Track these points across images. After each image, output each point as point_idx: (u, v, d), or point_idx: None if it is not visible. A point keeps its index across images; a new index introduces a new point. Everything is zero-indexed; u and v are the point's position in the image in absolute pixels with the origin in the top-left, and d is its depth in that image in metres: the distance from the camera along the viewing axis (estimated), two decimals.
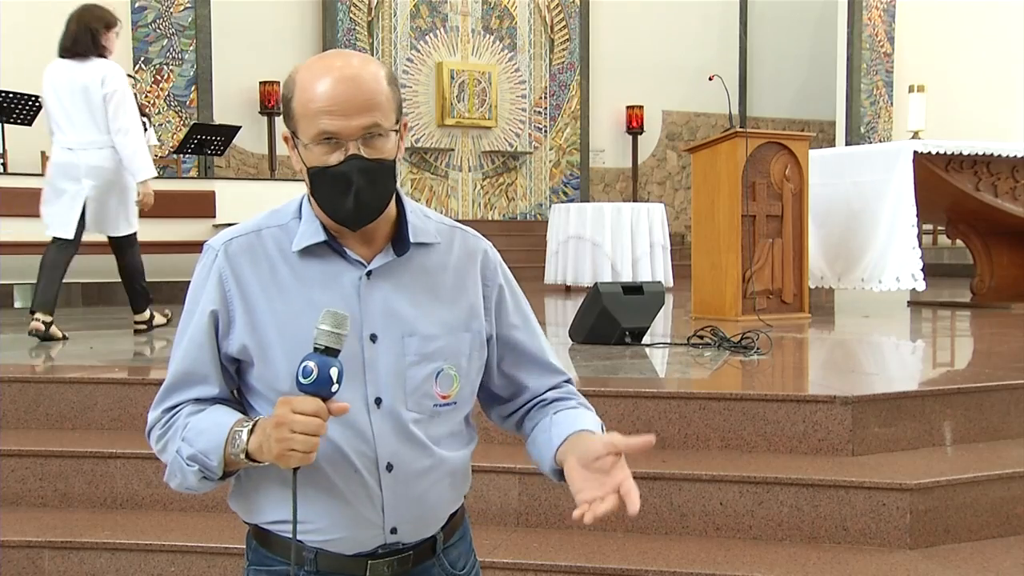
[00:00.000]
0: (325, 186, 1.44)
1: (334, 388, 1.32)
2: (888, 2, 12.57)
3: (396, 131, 1.47)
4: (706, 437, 3.28)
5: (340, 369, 1.32)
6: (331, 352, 1.32)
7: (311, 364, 1.31)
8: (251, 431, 1.39)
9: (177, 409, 1.49)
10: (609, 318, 4.72)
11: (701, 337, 4.76)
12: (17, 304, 8.41)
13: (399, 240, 1.51)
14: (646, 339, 4.87)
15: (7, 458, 3.40)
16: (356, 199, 1.43)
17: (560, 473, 1.49)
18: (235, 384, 1.53)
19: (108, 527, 3.18)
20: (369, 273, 1.48)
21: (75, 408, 3.68)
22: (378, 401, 1.46)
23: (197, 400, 1.49)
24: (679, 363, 4.26)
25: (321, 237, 1.47)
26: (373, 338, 1.46)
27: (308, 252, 1.48)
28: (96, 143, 5.04)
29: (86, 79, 4.97)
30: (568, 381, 1.70)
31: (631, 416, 3.31)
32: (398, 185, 1.51)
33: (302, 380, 1.31)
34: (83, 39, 5.01)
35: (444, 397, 1.50)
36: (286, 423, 1.30)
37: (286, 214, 1.52)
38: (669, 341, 4.93)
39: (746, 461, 3.14)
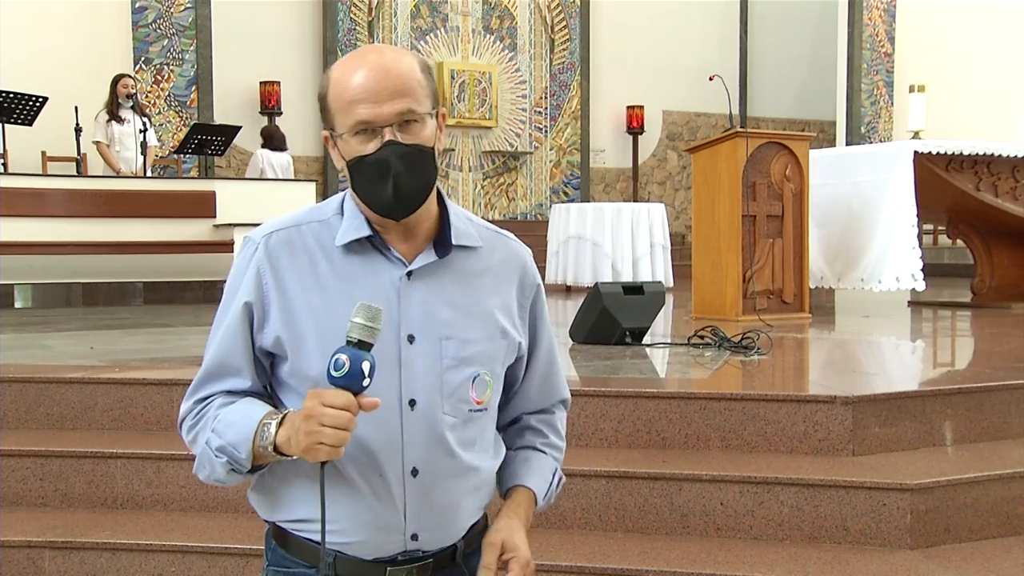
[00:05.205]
0: (364, 176, 1.43)
1: (365, 382, 1.30)
2: (888, 2, 12.57)
3: (432, 115, 1.45)
4: (706, 437, 3.28)
5: (372, 363, 1.31)
6: (364, 346, 1.31)
7: (343, 357, 1.29)
8: (280, 424, 1.38)
9: (209, 400, 1.49)
10: (609, 318, 4.72)
11: (701, 337, 4.75)
12: (17, 304, 8.39)
13: (441, 241, 1.49)
14: (646, 339, 4.86)
15: (7, 458, 3.40)
16: (395, 186, 1.41)
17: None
18: (267, 379, 1.52)
19: (108, 527, 3.18)
20: (410, 273, 1.47)
21: (75, 408, 3.67)
22: (412, 403, 1.45)
23: (229, 392, 1.48)
24: (679, 363, 4.26)
25: (365, 232, 1.46)
26: (410, 339, 1.45)
27: (350, 248, 1.46)
28: None
29: None
30: (563, 402, 1.71)
31: (631, 416, 3.31)
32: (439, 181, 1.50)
33: (333, 373, 1.30)
34: None
35: (479, 402, 1.50)
36: (315, 416, 1.29)
37: (327, 210, 1.51)
38: (669, 341, 4.93)
39: (746, 461, 3.14)
